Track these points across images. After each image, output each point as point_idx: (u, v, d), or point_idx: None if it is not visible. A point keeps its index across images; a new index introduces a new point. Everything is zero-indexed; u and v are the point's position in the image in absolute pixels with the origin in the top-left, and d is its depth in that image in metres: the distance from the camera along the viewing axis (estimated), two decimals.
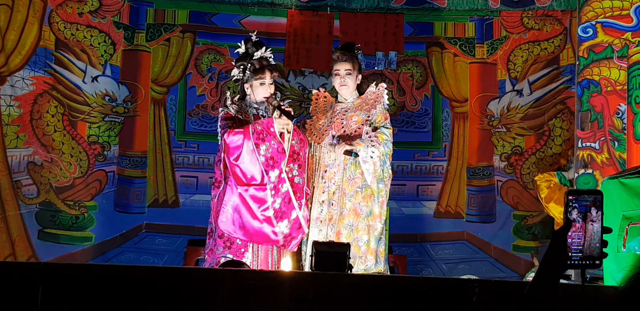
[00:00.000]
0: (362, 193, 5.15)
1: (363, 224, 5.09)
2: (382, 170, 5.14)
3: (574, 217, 1.80)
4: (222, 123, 5.00)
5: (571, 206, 1.81)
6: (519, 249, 6.85)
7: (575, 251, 1.81)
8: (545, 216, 6.83)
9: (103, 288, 3.54)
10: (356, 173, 5.16)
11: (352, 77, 5.26)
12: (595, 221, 1.80)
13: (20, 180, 6.46)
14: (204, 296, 3.55)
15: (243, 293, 3.58)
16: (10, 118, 6.46)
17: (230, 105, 5.06)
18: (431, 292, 3.69)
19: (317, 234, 5.12)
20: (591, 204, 1.81)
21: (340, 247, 4.51)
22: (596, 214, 1.80)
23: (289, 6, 7.08)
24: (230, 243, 4.95)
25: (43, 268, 3.70)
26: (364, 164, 5.09)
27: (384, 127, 5.16)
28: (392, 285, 3.81)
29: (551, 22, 7.01)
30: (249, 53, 5.07)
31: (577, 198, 1.81)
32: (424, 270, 6.87)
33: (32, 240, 6.48)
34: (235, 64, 5.10)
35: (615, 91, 5.85)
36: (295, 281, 3.73)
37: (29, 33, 6.53)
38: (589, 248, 1.80)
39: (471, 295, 3.53)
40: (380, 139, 5.09)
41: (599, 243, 1.81)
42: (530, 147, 7.02)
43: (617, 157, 5.76)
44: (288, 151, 4.95)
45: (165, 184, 7.01)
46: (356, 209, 5.12)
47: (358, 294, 3.63)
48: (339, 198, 5.14)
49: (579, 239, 1.80)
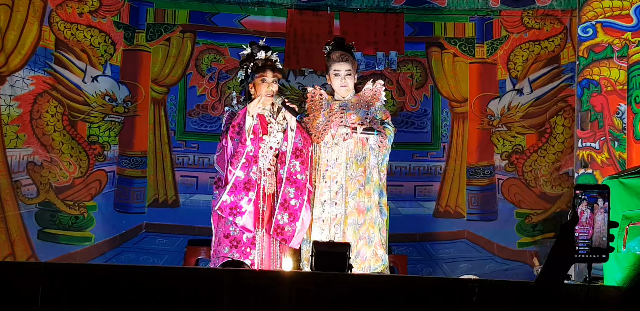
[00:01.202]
0: (365, 190, 5.17)
1: (367, 219, 5.13)
2: (384, 161, 5.23)
3: (582, 209, 1.82)
4: (226, 122, 5.08)
5: (579, 199, 1.83)
6: (524, 246, 6.84)
7: (583, 244, 1.82)
8: (550, 214, 6.84)
9: (103, 288, 3.54)
10: (358, 172, 5.18)
11: (352, 77, 5.30)
12: (602, 212, 1.82)
13: (20, 180, 6.46)
14: (204, 296, 3.55)
15: (243, 293, 3.58)
16: (10, 118, 6.46)
17: (236, 105, 5.14)
18: (431, 292, 3.69)
19: (320, 234, 5.12)
20: (598, 195, 1.83)
21: (340, 247, 4.52)
22: (603, 205, 1.82)
23: (289, 6, 7.07)
24: (236, 242, 4.98)
25: (43, 268, 3.70)
26: (372, 151, 5.16)
27: (387, 124, 5.21)
28: (392, 285, 3.82)
29: (551, 22, 7.01)
30: (253, 54, 5.15)
31: (585, 192, 1.83)
32: (424, 269, 6.87)
33: (31, 240, 6.47)
34: (240, 65, 5.21)
35: (615, 90, 5.85)
36: (295, 281, 3.73)
37: (29, 33, 6.53)
38: (597, 239, 1.82)
39: (471, 294, 3.53)
40: (387, 133, 5.15)
41: (606, 236, 1.82)
42: (532, 145, 7.01)
43: (617, 157, 5.77)
44: (291, 147, 5.04)
45: (165, 184, 7.00)
46: (359, 207, 5.14)
47: (358, 294, 3.63)
48: (342, 197, 5.16)
49: (586, 233, 1.82)
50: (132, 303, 3.51)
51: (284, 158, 5.09)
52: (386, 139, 5.15)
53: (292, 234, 5.05)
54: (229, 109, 5.17)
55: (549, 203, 6.87)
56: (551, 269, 1.82)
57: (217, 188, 5.10)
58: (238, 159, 4.95)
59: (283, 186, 5.05)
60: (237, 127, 4.98)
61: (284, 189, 5.05)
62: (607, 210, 1.83)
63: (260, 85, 5.08)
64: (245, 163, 4.97)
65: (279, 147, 5.14)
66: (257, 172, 5.03)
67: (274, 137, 5.14)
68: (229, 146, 4.99)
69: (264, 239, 5.07)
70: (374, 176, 5.20)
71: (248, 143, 4.95)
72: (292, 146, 5.07)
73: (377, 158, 5.18)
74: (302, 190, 5.08)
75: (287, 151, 5.08)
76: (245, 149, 4.96)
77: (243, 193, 4.97)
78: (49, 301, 3.44)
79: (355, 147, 5.20)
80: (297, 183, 5.07)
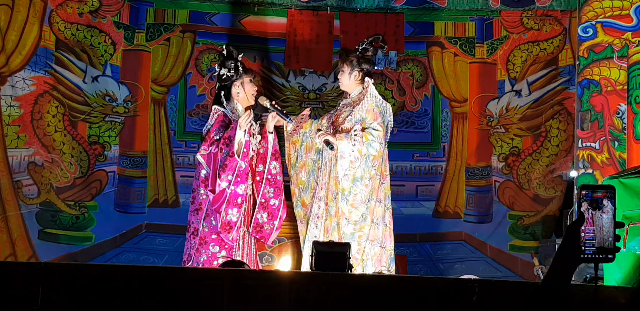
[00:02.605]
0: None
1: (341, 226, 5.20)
2: (363, 170, 5.18)
3: (587, 209, 1.83)
4: (216, 125, 5.28)
5: (584, 200, 1.83)
6: (515, 249, 6.84)
7: (589, 245, 1.82)
8: (543, 216, 6.84)
9: (103, 288, 3.54)
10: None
11: (344, 74, 5.46)
12: (605, 212, 1.82)
13: (21, 180, 6.46)
14: (204, 296, 3.55)
15: (243, 293, 3.58)
16: (11, 118, 6.47)
17: (226, 105, 5.37)
18: (431, 292, 3.69)
19: (314, 230, 5.22)
20: (603, 195, 1.83)
21: (340, 247, 4.52)
22: (607, 205, 1.83)
23: (289, 6, 7.07)
24: (223, 241, 5.17)
25: (43, 268, 3.70)
26: (340, 160, 5.18)
27: (372, 129, 5.21)
28: (392, 285, 3.82)
29: (550, 23, 7.00)
30: (234, 55, 5.41)
31: (590, 192, 1.83)
32: (424, 270, 6.87)
33: (32, 240, 6.48)
34: (224, 63, 5.39)
35: (615, 90, 5.85)
36: (295, 281, 3.73)
37: (30, 33, 6.53)
38: (601, 238, 1.82)
39: (471, 294, 3.53)
40: (364, 139, 5.16)
41: (612, 236, 1.82)
42: (527, 148, 7.01)
43: (617, 157, 5.77)
44: (271, 149, 5.35)
45: (165, 184, 7.01)
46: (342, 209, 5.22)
47: (358, 294, 3.63)
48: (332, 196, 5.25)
49: (592, 234, 1.82)
50: (132, 303, 3.51)
51: (265, 158, 5.34)
52: (363, 145, 5.16)
53: (270, 233, 5.29)
54: (220, 109, 5.29)
55: (542, 206, 6.87)
56: (558, 269, 1.83)
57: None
58: (226, 172, 5.07)
59: (263, 186, 5.30)
60: (227, 139, 5.13)
61: (264, 189, 5.31)
62: (612, 210, 1.84)
63: (248, 84, 5.38)
64: (237, 178, 5.13)
65: (258, 149, 5.38)
66: (246, 189, 5.21)
67: (255, 139, 5.34)
68: (218, 157, 5.15)
69: (245, 237, 5.28)
70: (343, 182, 5.19)
71: (238, 159, 5.12)
72: (272, 147, 5.36)
73: (345, 168, 5.17)
74: (281, 190, 5.36)
75: (268, 153, 5.35)
76: (234, 164, 5.09)
77: (235, 208, 5.14)
78: (49, 301, 3.45)
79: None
80: (277, 183, 5.36)
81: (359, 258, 5.08)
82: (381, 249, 5.20)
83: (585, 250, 1.82)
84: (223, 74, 5.36)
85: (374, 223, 5.19)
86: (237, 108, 5.39)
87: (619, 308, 2.09)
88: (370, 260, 5.14)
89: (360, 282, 3.89)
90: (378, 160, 5.20)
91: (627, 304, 1.71)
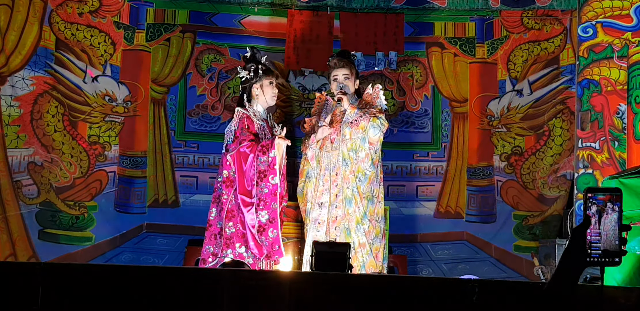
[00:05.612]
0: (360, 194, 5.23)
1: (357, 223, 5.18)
2: (359, 145, 5.22)
3: (592, 212, 1.82)
4: (241, 126, 5.30)
5: (590, 203, 1.83)
6: (520, 250, 6.83)
7: (595, 248, 1.81)
8: (546, 216, 6.83)
9: (103, 288, 3.54)
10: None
11: (350, 81, 5.43)
12: (610, 214, 1.82)
13: (21, 180, 6.47)
14: (204, 296, 3.55)
15: (243, 293, 3.58)
16: (11, 118, 6.47)
17: (248, 107, 5.41)
18: (431, 292, 3.69)
19: (315, 236, 5.18)
20: (608, 197, 1.83)
21: (340, 247, 4.52)
22: (612, 207, 1.82)
23: (289, 6, 7.07)
24: (248, 241, 5.18)
25: (43, 268, 3.70)
26: (347, 128, 5.23)
27: (381, 119, 5.25)
28: (392, 285, 3.81)
29: (551, 22, 7.01)
30: (256, 57, 5.48)
31: (595, 195, 1.83)
32: (424, 270, 6.87)
33: (32, 240, 6.48)
34: (245, 65, 5.47)
35: (615, 90, 5.85)
36: (295, 281, 3.73)
37: (29, 33, 6.54)
38: (606, 241, 1.81)
39: (471, 294, 3.53)
40: (372, 119, 5.22)
41: (618, 239, 1.81)
42: (530, 147, 7.01)
43: (617, 157, 5.77)
44: (280, 167, 5.32)
45: (165, 184, 7.00)
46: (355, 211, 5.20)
47: (358, 294, 3.63)
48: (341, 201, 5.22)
49: (597, 237, 1.81)
50: (132, 303, 3.51)
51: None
52: (368, 122, 5.20)
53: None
54: (242, 111, 5.34)
55: (546, 205, 6.87)
56: (564, 272, 1.82)
57: (226, 187, 5.23)
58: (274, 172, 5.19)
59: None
60: (265, 147, 5.21)
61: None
62: (618, 213, 1.83)
63: (267, 87, 5.43)
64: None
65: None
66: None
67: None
68: (249, 160, 5.19)
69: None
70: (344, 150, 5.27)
71: (278, 175, 5.20)
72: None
73: (347, 130, 5.23)
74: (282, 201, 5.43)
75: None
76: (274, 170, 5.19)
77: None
78: (49, 301, 3.45)
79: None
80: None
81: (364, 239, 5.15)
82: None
83: (591, 253, 1.81)
84: (243, 76, 5.46)
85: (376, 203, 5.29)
86: (259, 110, 5.44)
87: (622, 308, 2.09)
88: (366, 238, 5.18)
89: (360, 282, 3.88)
90: (373, 147, 5.22)
91: (634, 304, 1.71)
